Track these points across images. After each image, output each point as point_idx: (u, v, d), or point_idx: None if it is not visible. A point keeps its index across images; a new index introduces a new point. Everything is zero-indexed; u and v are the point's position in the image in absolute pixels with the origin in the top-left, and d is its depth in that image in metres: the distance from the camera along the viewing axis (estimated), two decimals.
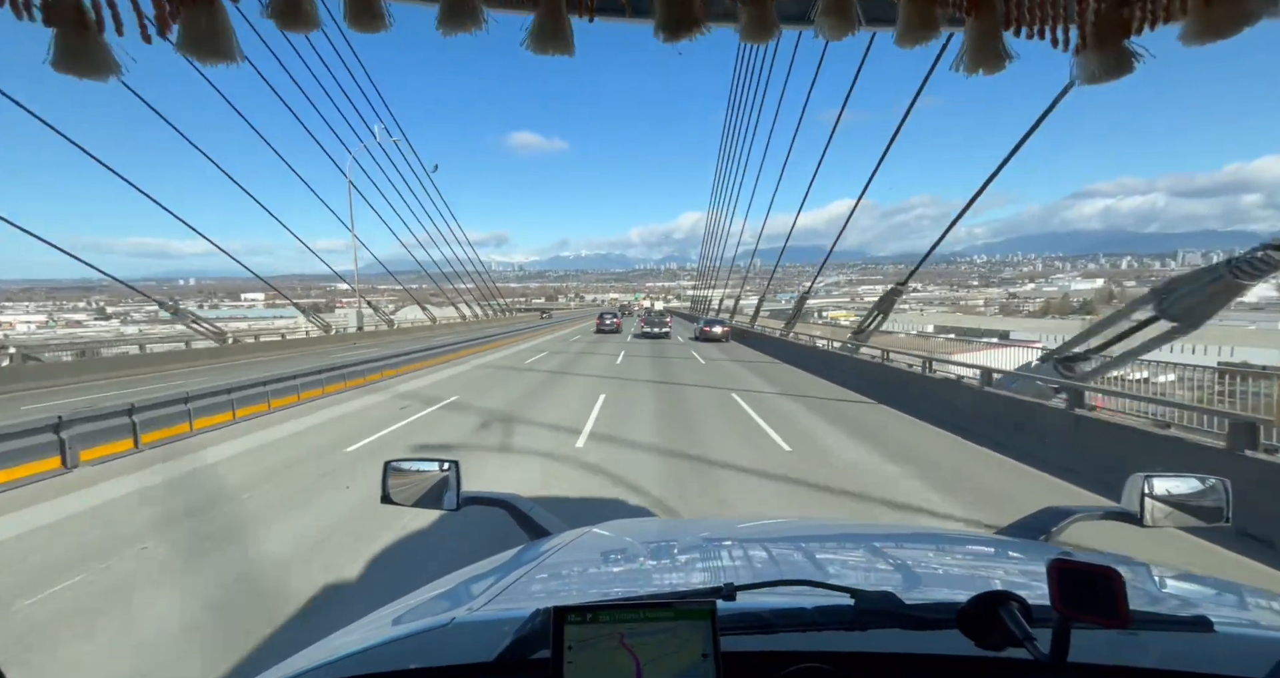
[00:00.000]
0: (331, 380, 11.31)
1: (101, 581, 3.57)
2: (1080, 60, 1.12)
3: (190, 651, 2.84)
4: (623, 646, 0.61)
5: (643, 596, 0.97)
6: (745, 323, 26.98)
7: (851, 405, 9.96)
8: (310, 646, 0.92)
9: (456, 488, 1.47)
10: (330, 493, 5.24)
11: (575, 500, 5.01)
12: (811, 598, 0.79)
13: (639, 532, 1.63)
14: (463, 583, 1.20)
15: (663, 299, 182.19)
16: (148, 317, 57.93)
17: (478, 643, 0.75)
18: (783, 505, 4.92)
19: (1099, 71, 1.11)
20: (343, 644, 0.86)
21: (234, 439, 7.53)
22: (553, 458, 6.30)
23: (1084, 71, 1.13)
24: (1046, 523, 1.45)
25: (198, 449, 6.96)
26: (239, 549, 4.02)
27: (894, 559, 1.32)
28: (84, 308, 77.47)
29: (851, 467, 6.09)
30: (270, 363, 16.82)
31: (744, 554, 1.34)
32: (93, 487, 5.50)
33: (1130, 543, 3.65)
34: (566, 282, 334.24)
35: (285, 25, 1.05)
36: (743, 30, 1.16)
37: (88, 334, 40.98)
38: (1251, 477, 4.13)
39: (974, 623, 0.68)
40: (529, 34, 1.12)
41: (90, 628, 3.03)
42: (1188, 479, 1.31)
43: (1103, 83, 1.13)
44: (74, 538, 4.27)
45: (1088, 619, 0.61)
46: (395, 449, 6.87)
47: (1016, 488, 5.48)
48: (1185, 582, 1.17)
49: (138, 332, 36.55)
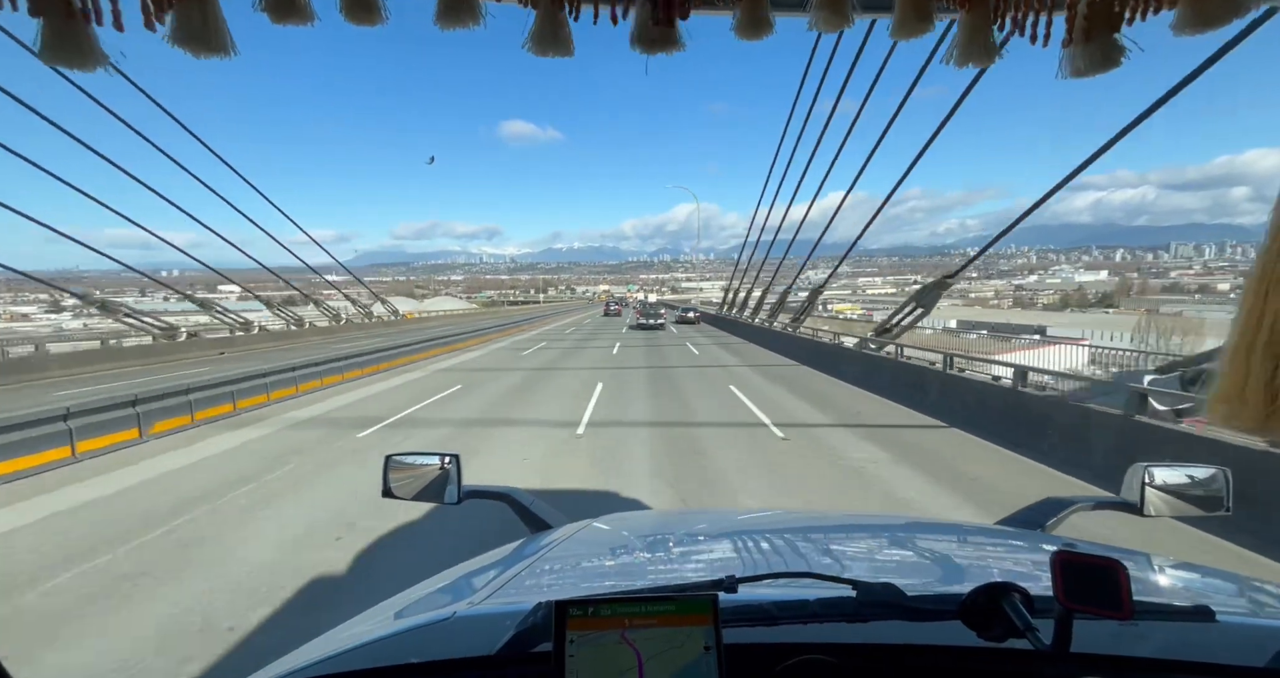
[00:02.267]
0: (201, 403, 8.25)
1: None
2: (1068, 54, 1.12)
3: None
4: (624, 639, 0.61)
5: (644, 588, 0.98)
6: (750, 317, 26.62)
7: (926, 434, 7.34)
8: (312, 639, 0.92)
9: (457, 482, 1.47)
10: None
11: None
12: (813, 590, 0.79)
13: (640, 525, 1.64)
14: (464, 576, 1.20)
15: (656, 291, 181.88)
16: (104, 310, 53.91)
17: (479, 637, 0.75)
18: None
19: (1085, 66, 1.11)
20: (345, 638, 0.86)
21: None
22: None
23: (1071, 66, 1.12)
24: (1046, 513, 1.46)
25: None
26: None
27: (895, 550, 1.33)
28: (44, 300, 75.03)
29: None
30: (194, 363, 15.52)
31: (745, 546, 1.35)
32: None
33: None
34: (559, 274, 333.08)
35: (278, 18, 1.03)
36: (737, 26, 1.15)
37: (25, 329, 38.09)
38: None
39: (976, 614, 0.68)
40: (529, 36, 1.12)
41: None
42: (1188, 468, 1.32)
43: (1089, 76, 1.13)
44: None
45: (1090, 611, 0.61)
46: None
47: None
48: (1185, 571, 1.18)
49: (82, 326, 35.01)
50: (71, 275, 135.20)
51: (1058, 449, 6.19)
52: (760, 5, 1.13)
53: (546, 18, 1.11)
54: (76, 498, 5.26)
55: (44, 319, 57.60)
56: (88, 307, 15.83)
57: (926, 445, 6.72)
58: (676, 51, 1.15)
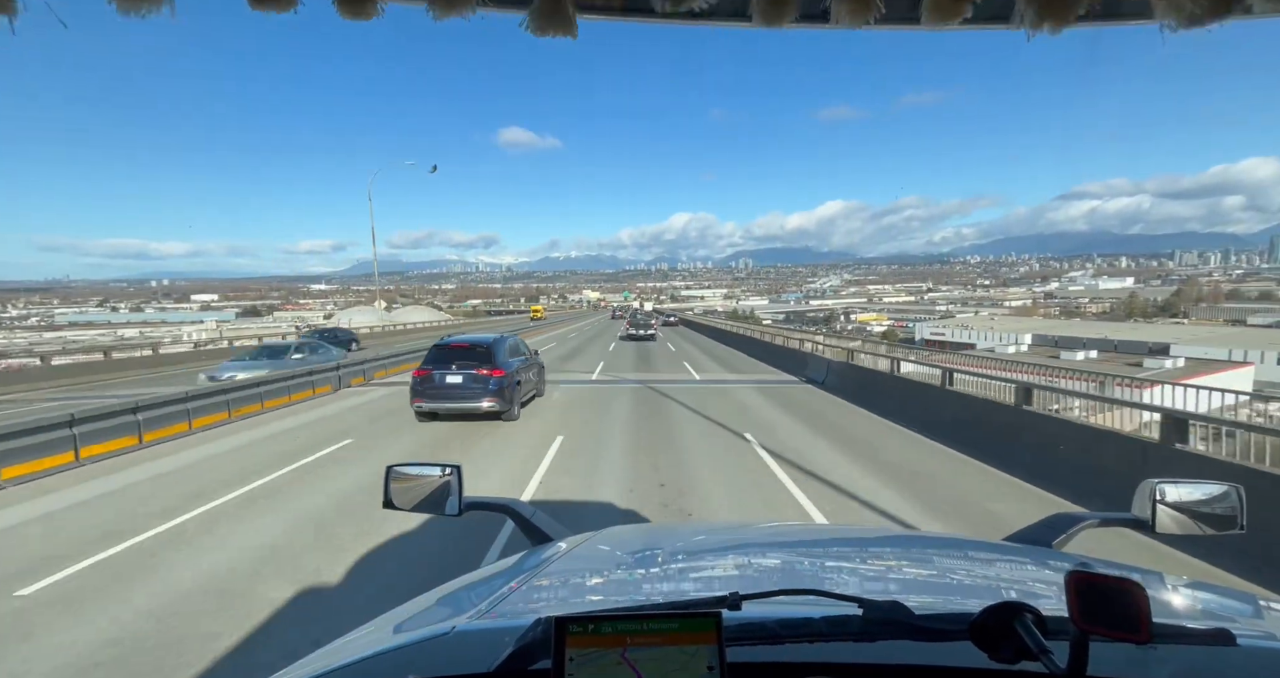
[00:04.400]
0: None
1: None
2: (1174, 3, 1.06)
3: None
4: (625, 659, 0.59)
5: (646, 605, 0.92)
6: (757, 331, 22.47)
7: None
8: (310, 654, 0.90)
9: (458, 493, 1.48)
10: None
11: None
12: (818, 608, 0.78)
13: (642, 539, 1.64)
14: (465, 589, 1.21)
15: (654, 300, 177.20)
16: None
17: (478, 652, 0.74)
18: None
19: (1196, 11, 1.05)
20: (343, 652, 0.85)
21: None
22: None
23: (1179, 15, 1.07)
24: (1055, 530, 1.43)
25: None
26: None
27: (901, 567, 1.31)
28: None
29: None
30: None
31: (750, 562, 1.35)
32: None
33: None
34: (555, 282, 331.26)
35: (256, 3, 1.02)
36: (757, 11, 1.12)
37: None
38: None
39: (987, 635, 0.66)
40: (529, 14, 1.10)
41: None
42: (1200, 485, 1.30)
43: (1201, 26, 1.07)
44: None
45: (1107, 634, 0.59)
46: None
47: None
48: (1200, 591, 1.16)
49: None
50: (44, 285, 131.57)
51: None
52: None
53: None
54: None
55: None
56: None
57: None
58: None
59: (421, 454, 7.49)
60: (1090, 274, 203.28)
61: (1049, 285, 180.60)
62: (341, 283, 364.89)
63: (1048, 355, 37.84)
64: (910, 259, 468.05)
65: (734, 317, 72.14)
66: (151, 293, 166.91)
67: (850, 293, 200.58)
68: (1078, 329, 56.03)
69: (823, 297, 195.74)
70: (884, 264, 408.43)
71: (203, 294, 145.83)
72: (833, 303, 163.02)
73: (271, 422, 9.86)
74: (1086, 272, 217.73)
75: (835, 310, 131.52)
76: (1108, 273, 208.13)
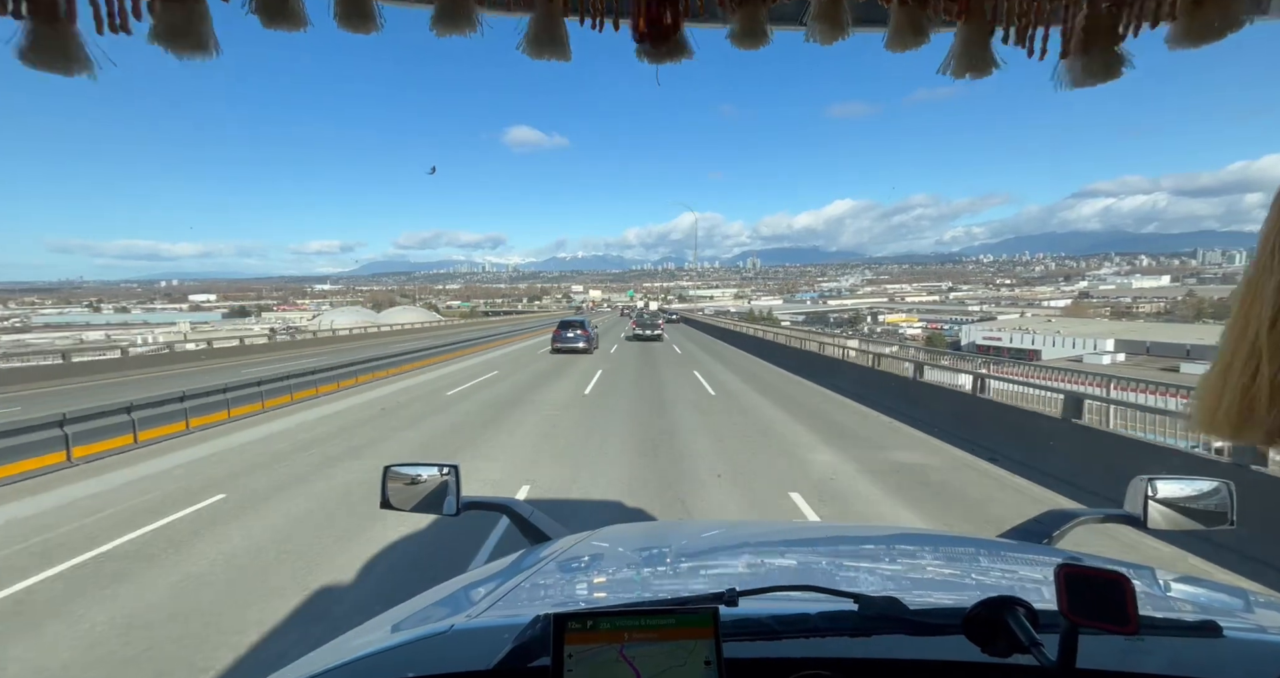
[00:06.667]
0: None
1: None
2: (1066, 65, 1.14)
3: None
4: (623, 655, 0.60)
5: (644, 601, 0.97)
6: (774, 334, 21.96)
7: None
8: (309, 653, 0.90)
9: (456, 493, 1.47)
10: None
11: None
12: (815, 604, 0.78)
13: (640, 537, 1.65)
14: (463, 588, 1.20)
15: (661, 299, 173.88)
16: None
17: (477, 650, 0.74)
18: None
19: (1084, 76, 1.13)
20: (342, 651, 0.85)
21: None
22: None
23: (1070, 77, 1.15)
24: (1049, 526, 1.45)
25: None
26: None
27: (897, 563, 1.32)
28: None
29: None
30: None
31: (746, 559, 1.36)
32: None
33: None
34: (562, 282, 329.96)
35: (270, 23, 1.04)
36: (734, 36, 1.18)
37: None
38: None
39: (980, 629, 0.67)
40: (524, 39, 1.13)
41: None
42: (1191, 482, 1.31)
43: (1088, 87, 1.16)
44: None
45: (1096, 625, 0.60)
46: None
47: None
48: (1190, 586, 1.17)
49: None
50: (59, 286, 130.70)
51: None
52: (757, 16, 1.15)
53: (542, 19, 1.12)
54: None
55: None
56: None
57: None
58: (684, 60, 1.17)
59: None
60: (1119, 272, 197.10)
61: (1076, 284, 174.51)
62: (348, 283, 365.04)
63: (1162, 367, 28.12)
64: (920, 258, 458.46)
65: (750, 318, 66.48)
66: (154, 294, 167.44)
67: (867, 292, 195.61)
68: (1170, 333, 43.99)
69: (839, 296, 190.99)
70: (894, 263, 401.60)
71: (204, 295, 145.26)
72: (853, 303, 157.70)
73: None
74: (1110, 270, 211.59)
75: (860, 311, 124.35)
76: (1129, 271, 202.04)
